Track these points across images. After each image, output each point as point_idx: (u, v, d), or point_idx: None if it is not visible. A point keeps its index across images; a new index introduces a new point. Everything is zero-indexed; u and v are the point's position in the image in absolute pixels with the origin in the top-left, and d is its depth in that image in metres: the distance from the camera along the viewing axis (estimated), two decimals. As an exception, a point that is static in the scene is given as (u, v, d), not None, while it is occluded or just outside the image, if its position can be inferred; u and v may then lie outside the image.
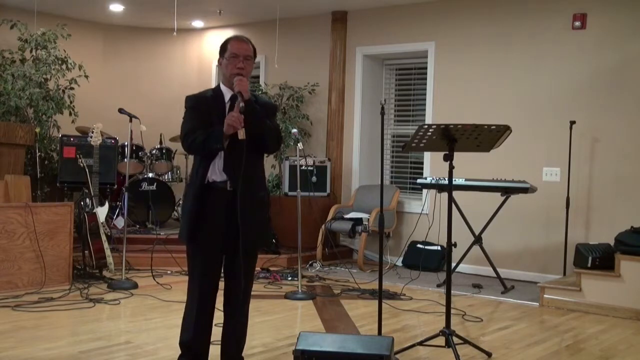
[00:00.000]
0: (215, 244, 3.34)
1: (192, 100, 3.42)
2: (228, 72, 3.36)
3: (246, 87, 3.27)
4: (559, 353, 4.33)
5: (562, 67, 6.59)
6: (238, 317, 3.46)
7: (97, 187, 6.34)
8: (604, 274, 5.50)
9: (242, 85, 3.26)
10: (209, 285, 3.39)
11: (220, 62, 3.42)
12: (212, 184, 3.33)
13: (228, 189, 3.31)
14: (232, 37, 3.45)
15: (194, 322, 3.39)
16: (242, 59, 3.35)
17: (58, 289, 5.63)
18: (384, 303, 4.48)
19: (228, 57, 3.36)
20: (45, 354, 3.97)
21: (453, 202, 4.55)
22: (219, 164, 3.32)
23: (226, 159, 3.30)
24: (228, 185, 3.31)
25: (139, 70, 9.53)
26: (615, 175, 6.29)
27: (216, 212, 3.32)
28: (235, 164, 3.26)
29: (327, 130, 8.21)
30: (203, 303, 3.39)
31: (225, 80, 3.41)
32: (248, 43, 3.42)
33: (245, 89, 3.25)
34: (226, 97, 3.39)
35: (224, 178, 3.32)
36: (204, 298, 3.38)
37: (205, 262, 3.38)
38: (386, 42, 7.79)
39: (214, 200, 3.32)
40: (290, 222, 7.14)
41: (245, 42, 3.41)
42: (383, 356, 3.22)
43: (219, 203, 3.31)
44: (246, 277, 3.41)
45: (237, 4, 8.06)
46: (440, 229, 5.36)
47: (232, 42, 3.39)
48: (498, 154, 4.96)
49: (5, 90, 7.25)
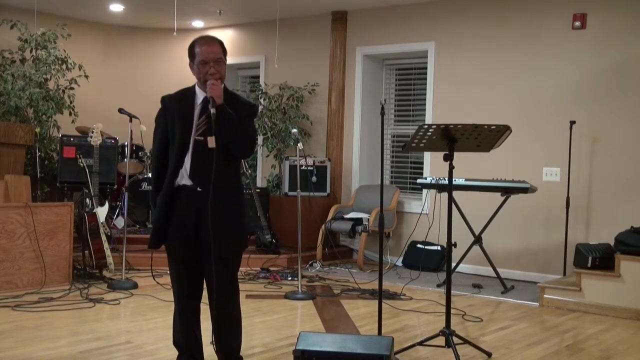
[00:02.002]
0: (185, 248, 3.30)
1: (162, 103, 3.40)
2: (201, 77, 3.28)
3: (219, 92, 3.20)
4: (559, 353, 4.33)
5: (562, 67, 6.59)
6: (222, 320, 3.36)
7: (97, 187, 6.34)
8: (604, 274, 5.50)
9: (214, 90, 3.19)
10: (185, 288, 3.38)
11: (191, 66, 3.33)
12: (182, 187, 3.28)
13: (198, 189, 3.25)
14: (198, 40, 3.33)
15: (179, 325, 3.41)
16: (212, 64, 3.26)
17: (58, 289, 5.63)
18: (384, 303, 4.48)
19: (197, 64, 3.27)
20: (45, 354, 3.97)
21: (453, 202, 4.55)
22: (187, 168, 3.27)
23: (193, 165, 3.25)
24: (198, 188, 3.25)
25: (139, 70, 9.53)
26: (615, 175, 6.29)
27: (186, 216, 3.27)
28: (202, 169, 3.22)
29: (327, 130, 8.21)
30: (183, 305, 3.40)
31: (198, 82, 3.34)
32: (216, 44, 3.30)
33: (218, 94, 3.19)
34: (199, 98, 3.32)
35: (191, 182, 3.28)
36: (183, 301, 3.39)
37: (177, 266, 3.37)
38: (386, 42, 7.79)
39: (184, 203, 3.27)
40: (290, 222, 7.15)
41: (213, 45, 3.29)
42: (383, 356, 3.22)
43: (189, 205, 3.27)
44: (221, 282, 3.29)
45: (237, 4, 8.06)
46: (440, 229, 5.36)
47: (200, 47, 3.28)
48: (498, 154, 4.97)
49: (5, 90, 7.26)
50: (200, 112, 3.29)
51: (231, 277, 3.40)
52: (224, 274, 3.31)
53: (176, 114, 3.31)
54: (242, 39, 9.06)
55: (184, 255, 3.33)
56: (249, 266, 6.72)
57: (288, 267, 7.03)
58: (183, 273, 3.37)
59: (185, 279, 3.38)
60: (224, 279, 3.32)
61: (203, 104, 3.29)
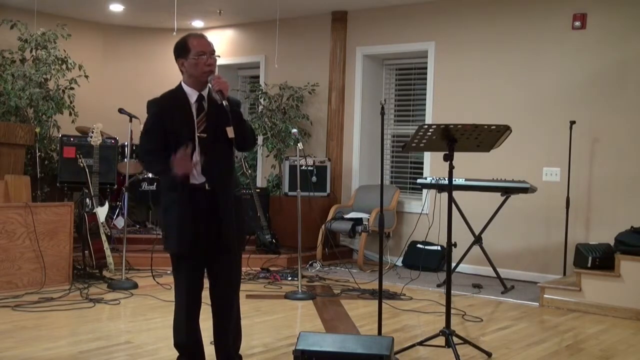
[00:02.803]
0: (199, 246, 3.31)
1: (154, 107, 3.32)
2: (197, 71, 3.24)
3: (226, 85, 3.21)
4: (559, 353, 4.33)
5: (562, 67, 6.59)
6: (226, 317, 3.43)
7: (97, 187, 6.34)
8: (604, 274, 5.49)
9: (221, 83, 3.19)
10: (195, 287, 3.39)
11: (182, 63, 3.28)
12: (192, 186, 3.28)
13: (207, 188, 3.28)
14: (190, 36, 3.31)
15: (184, 325, 3.39)
16: (209, 55, 3.25)
17: (58, 289, 5.63)
18: (384, 303, 4.48)
19: (195, 56, 3.23)
20: (45, 354, 3.97)
21: (453, 202, 4.55)
22: (196, 166, 3.26)
23: (205, 161, 3.26)
24: (206, 185, 3.28)
25: (139, 70, 9.52)
26: (615, 175, 6.29)
27: (199, 215, 3.28)
28: (212, 164, 3.26)
29: (327, 130, 8.20)
30: (190, 305, 3.39)
31: (190, 80, 3.29)
32: (207, 38, 3.32)
33: (225, 87, 3.20)
34: (191, 98, 3.30)
35: (202, 180, 3.28)
36: (191, 300, 3.39)
37: (190, 266, 3.36)
38: (386, 42, 7.79)
39: (196, 202, 3.28)
40: (290, 222, 7.15)
41: (206, 38, 3.30)
42: (383, 356, 3.22)
43: (201, 205, 3.28)
44: (230, 276, 3.39)
45: (237, 4, 8.06)
46: (440, 229, 5.37)
47: (194, 40, 3.27)
48: (498, 154, 4.97)
49: (5, 90, 7.26)
50: (197, 110, 3.30)
51: (239, 273, 3.48)
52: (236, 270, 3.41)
53: (174, 115, 3.28)
54: (242, 39, 9.05)
55: (195, 253, 3.33)
56: (249, 266, 6.72)
57: (288, 267, 7.03)
58: (193, 271, 3.37)
59: (195, 277, 3.38)
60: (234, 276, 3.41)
61: (198, 102, 3.30)
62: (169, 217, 3.33)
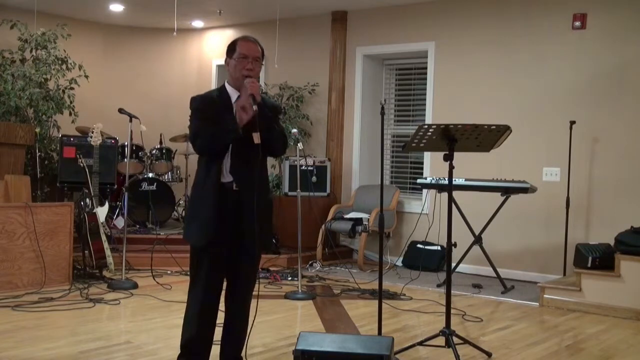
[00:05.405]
0: (223, 245, 3.33)
1: (197, 101, 3.38)
2: (237, 73, 3.33)
3: (257, 89, 3.26)
4: (559, 353, 4.33)
5: (562, 67, 6.59)
6: (240, 317, 3.48)
7: (97, 187, 6.33)
8: (604, 274, 5.49)
9: (254, 87, 3.25)
10: (215, 286, 3.39)
11: (228, 62, 3.39)
12: (222, 184, 3.31)
13: (234, 188, 3.31)
14: (241, 38, 3.42)
15: (198, 323, 3.37)
16: (251, 60, 3.32)
17: (58, 289, 5.63)
18: (384, 303, 4.48)
19: (237, 58, 3.33)
20: (45, 354, 3.97)
21: (453, 202, 4.54)
22: (226, 165, 3.30)
23: (233, 160, 3.29)
24: (234, 185, 3.31)
25: (139, 70, 9.53)
26: (615, 175, 6.29)
27: (227, 214, 3.30)
28: (242, 165, 3.28)
29: (327, 130, 8.21)
30: (208, 304, 3.38)
31: (232, 80, 3.38)
32: (257, 44, 3.39)
33: (257, 92, 3.24)
34: (233, 97, 3.36)
35: (231, 179, 3.32)
36: (209, 299, 3.38)
37: (212, 264, 3.36)
38: (386, 42, 7.79)
39: (225, 201, 3.31)
40: (290, 222, 7.15)
41: (254, 43, 3.38)
42: (383, 356, 3.22)
43: (229, 204, 3.30)
44: (249, 278, 3.44)
45: (237, 4, 8.06)
46: (440, 229, 5.37)
47: (242, 43, 3.36)
48: (498, 154, 4.97)
49: (5, 90, 7.25)
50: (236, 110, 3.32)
51: (256, 275, 3.53)
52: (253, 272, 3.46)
53: (216, 111, 3.32)
54: (242, 39, 9.04)
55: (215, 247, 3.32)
56: (249, 266, 6.71)
57: (288, 267, 7.03)
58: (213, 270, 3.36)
59: (215, 276, 3.38)
60: (251, 277, 3.46)
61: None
62: (195, 208, 3.37)
